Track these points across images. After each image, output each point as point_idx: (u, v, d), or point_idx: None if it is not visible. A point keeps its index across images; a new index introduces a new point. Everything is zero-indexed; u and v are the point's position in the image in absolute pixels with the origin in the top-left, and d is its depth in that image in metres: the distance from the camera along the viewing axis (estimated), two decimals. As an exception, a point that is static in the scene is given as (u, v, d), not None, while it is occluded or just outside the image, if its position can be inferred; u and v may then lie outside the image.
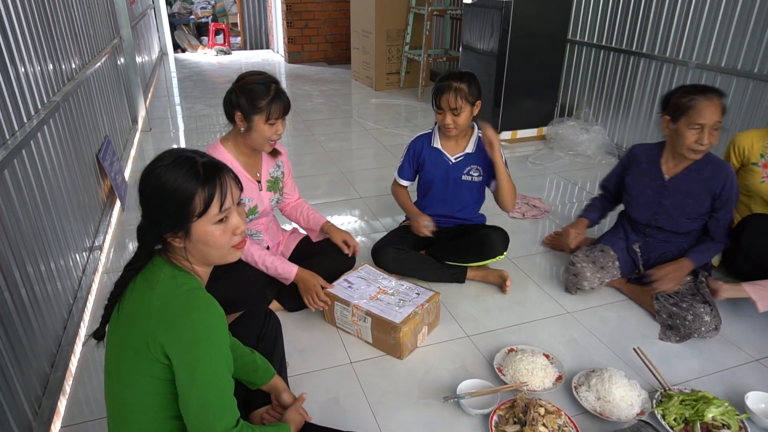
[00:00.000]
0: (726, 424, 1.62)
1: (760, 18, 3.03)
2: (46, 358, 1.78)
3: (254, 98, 1.89)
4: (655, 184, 2.25)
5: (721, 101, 2.04)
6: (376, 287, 2.13)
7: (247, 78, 1.93)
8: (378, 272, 2.24)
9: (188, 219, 1.10)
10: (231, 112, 1.96)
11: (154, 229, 1.13)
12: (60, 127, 2.29)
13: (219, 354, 1.10)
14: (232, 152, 2.05)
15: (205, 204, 1.10)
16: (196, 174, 1.10)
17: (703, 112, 2.02)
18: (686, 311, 2.08)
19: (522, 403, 1.65)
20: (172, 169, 1.10)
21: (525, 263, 2.65)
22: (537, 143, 4.48)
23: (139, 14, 5.92)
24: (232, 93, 1.93)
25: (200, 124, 5.02)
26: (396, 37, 6.19)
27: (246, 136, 1.99)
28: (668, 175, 2.23)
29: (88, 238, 2.52)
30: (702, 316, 2.04)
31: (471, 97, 2.26)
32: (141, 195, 1.13)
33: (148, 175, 1.12)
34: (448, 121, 2.29)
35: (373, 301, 2.04)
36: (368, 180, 3.73)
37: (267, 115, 1.92)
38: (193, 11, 9.82)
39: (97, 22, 3.45)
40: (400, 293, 2.09)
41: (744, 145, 2.33)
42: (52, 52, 2.33)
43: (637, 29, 3.85)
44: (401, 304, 2.02)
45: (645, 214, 2.30)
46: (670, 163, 2.23)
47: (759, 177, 2.29)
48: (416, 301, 2.04)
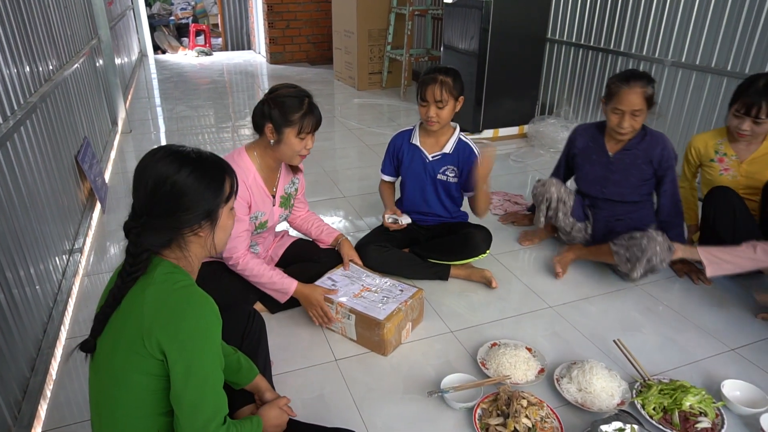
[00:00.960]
0: (703, 411, 1.65)
1: (732, 16, 3.10)
2: (25, 362, 1.76)
3: (287, 111, 1.88)
4: (601, 160, 2.49)
5: (644, 89, 2.25)
6: (359, 285, 2.14)
7: (281, 90, 1.92)
8: (362, 270, 2.25)
9: (219, 205, 1.19)
10: (261, 124, 1.94)
11: (177, 224, 1.13)
12: (37, 128, 2.26)
13: (214, 350, 1.11)
14: (255, 163, 2.02)
15: (230, 188, 1.21)
16: (219, 162, 1.20)
17: (623, 99, 2.27)
18: (640, 238, 2.26)
19: (505, 396, 1.67)
20: (198, 161, 1.16)
21: (507, 259, 2.68)
22: (518, 141, 4.53)
23: (118, 15, 5.85)
24: (264, 104, 1.92)
25: (181, 126, 4.98)
26: (378, 37, 6.20)
27: (275, 148, 1.97)
28: (611, 152, 2.47)
29: (68, 241, 2.49)
30: (655, 237, 2.23)
31: (455, 91, 2.29)
32: (159, 194, 1.11)
33: (165, 172, 1.11)
34: (431, 114, 2.31)
35: (357, 298, 2.05)
36: (352, 179, 3.73)
37: (299, 129, 1.91)
38: (173, 12, 9.72)
39: (75, 23, 3.40)
40: (384, 290, 2.11)
41: (699, 146, 2.50)
42: (28, 53, 2.29)
43: (614, 28, 3.92)
44: (385, 300, 2.03)
45: (595, 188, 2.54)
46: (612, 141, 2.47)
47: (718, 170, 2.45)
48: (400, 297, 2.06)
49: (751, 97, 2.19)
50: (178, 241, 1.16)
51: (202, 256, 1.23)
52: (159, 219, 1.13)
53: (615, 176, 2.46)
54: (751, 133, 2.26)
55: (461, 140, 2.44)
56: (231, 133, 4.87)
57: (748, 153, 2.37)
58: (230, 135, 4.80)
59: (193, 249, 1.19)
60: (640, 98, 2.25)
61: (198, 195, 1.14)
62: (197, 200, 1.14)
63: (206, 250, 1.22)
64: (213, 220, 1.19)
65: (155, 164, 1.13)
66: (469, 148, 2.43)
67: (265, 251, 2.29)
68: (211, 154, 1.20)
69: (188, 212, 1.14)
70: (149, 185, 1.12)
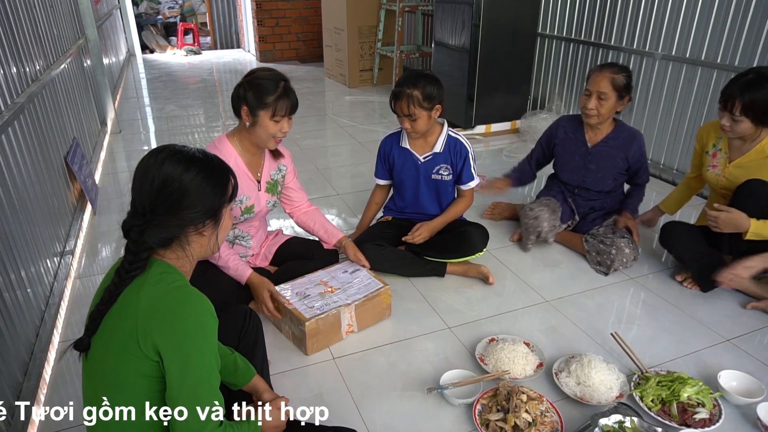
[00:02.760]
0: (701, 402, 1.66)
1: (721, 10, 3.12)
2: (18, 366, 1.73)
3: (261, 93, 1.89)
4: (581, 150, 2.61)
5: (614, 75, 2.37)
6: (330, 286, 2.10)
7: (258, 73, 1.93)
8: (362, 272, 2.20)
9: (223, 204, 1.19)
10: (238, 106, 1.95)
11: (183, 222, 1.13)
12: (25, 129, 2.22)
13: (210, 351, 1.10)
14: (236, 148, 2.04)
15: (233, 188, 1.22)
16: (223, 163, 1.21)
17: (592, 80, 2.41)
18: (610, 247, 2.46)
19: (504, 391, 1.66)
20: (204, 161, 1.16)
21: (503, 254, 2.68)
22: (510, 136, 4.53)
23: (105, 14, 5.78)
24: (240, 87, 1.93)
25: (171, 125, 4.94)
26: (368, 34, 6.18)
27: (251, 131, 1.97)
28: (590, 143, 2.59)
29: (59, 243, 2.46)
30: (623, 249, 2.43)
31: (426, 103, 2.23)
32: (166, 193, 1.11)
33: (173, 171, 1.11)
34: (406, 126, 2.30)
35: (304, 298, 2.02)
36: (344, 177, 3.72)
37: (273, 111, 1.91)
38: (161, 11, 9.64)
39: (61, 22, 3.36)
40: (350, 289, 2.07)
41: (703, 133, 2.44)
42: (14, 53, 2.25)
43: (604, 22, 3.92)
44: (333, 301, 2.00)
45: (575, 178, 2.67)
46: (590, 132, 2.59)
47: (707, 164, 2.39)
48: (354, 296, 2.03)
49: (731, 91, 2.08)
50: (180, 240, 1.16)
51: (199, 257, 1.23)
52: (164, 216, 1.12)
53: (592, 166, 2.59)
54: (730, 130, 2.14)
55: (450, 137, 2.43)
56: (222, 132, 4.83)
57: (740, 154, 2.24)
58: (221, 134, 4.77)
59: (195, 249, 1.19)
60: (607, 82, 2.37)
61: (204, 194, 1.15)
62: (203, 199, 1.15)
63: (206, 249, 1.22)
64: (217, 220, 1.20)
65: (162, 163, 1.12)
66: (459, 143, 2.43)
67: (258, 246, 2.28)
68: (214, 156, 1.21)
69: (193, 210, 1.13)
70: (156, 184, 1.11)
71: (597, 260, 2.52)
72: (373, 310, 2.09)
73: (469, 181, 2.47)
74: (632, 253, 2.46)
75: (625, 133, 2.54)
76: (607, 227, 2.59)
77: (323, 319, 1.94)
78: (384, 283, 2.12)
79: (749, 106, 2.05)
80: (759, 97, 2.04)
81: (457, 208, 2.52)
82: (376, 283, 2.12)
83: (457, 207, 2.52)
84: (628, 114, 3.82)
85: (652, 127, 3.67)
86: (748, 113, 2.07)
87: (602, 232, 2.56)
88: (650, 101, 3.66)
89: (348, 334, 2.06)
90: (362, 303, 2.04)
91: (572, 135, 2.64)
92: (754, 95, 2.04)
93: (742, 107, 2.06)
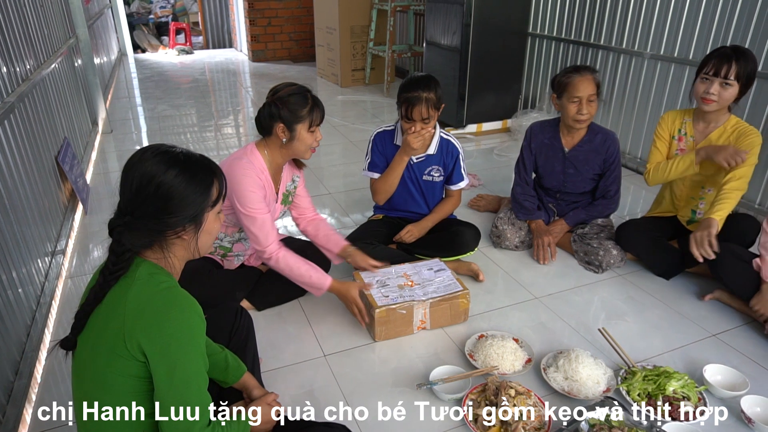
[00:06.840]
0: (686, 396, 1.69)
1: (708, 10, 3.16)
2: (9, 365, 1.73)
3: (295, 108, 1.92)
4: (558, 156, 2.61)
5: (594, 76, 2.40)
6: (409, 279, 2.16)
7: (283, 90, 1.95)
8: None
9: (205, 209, 1.17)
10: (270, 125, 1.96)
11: (160, 226, 1.11)
12: (16, 129, 2.22)
13: (198, 352, 1.10)
14: (266, 161, 2.05)
15: (218, 192, 1.19)
16: (209, 165, 1.18)
17: (578, 86, 2.38)
18: (598, 248, 2.51)
19: (493, 387, 1.69)
20: (186, 162, 1.13)
21: (493, 252, 2.70)
22: (502, 135, 4.56)
23: (96, 13, 5.76)
24: (270, 106, 1.94)
25: (163, 125, 4.93)
26: (360, 34, 6.19)
27: (288, 146, 2.00)
28: (567, 147, 2.59)
29: (50, 243, 2.46)
30: (610, 250, 2.48)
31: (439, 103, 2.27)
32: (143, 194, 1.09)
33: (151, 172, 1.09)
34: (418, 130, 2.28)
35: (388, 288, 2.08)
36: (337, 176, 3.73)
37: (310, 123, 1.95)
38: (153, 10, 9.60)
39: (51, 22, 3.35)
40: (431, 284, 2.13)
41: (668, 119, 2.45)
42: (3, 53, 2.25)
43: (594, 22, 3.96)
44: (414, 294, 2.06)
45: (555, 183, 2.68)
46: (567, 137, 2.59)
47: (675, 149, 2.43)
48: (432, 294, 2.07)
49: (720, 57, 2.13)
50: (160, 243, 1.14)
51: (185, 258, 1.21)
52: (142, 220, 1.11)
53: (570, 170, 2.60)
54: (717, 98, 2.16)
55: (443, 138, 2.45)
56: (214, 132, 4.83)
57: (703, 137, 2.32)
58: (213, 134, 4.77)
59: (176, 251, 1.17)
60: (592, 84, 2.39)
61: (184, 198, 1.12)
62: (183, 203, 1.12)
63: (189, 252, 1.20)
64: (198, 224, 1.17)
65: (142, 163, 1.11)
66: (451, 144, 2.46)
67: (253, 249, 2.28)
68: (200, 156, 1.18)
69: (172, 215, 1.11)
70: (134, 184, 1.10)
71: (585, 260, 2.56)
72: (450, 311, 2.10)
73: (458, 181, 2.49)
74: (620, 254, 2.49)
75: (600, 134, 2.55)
76: (593, 226, 2.62)
77: (394, 310, 1.99)
78: (464, 287, 2.12)
79: (743, 69, 2.12)
80: (750, 61, 2.13)
81: (446, 208, 2.54)
82: (457, 286, 2.12)
83: (446, 207, 2.55)
84: (606, 112, 3.87)
85: (641, 126, 3.71)
86: (740, 77, 2.13)
87: (589, 232, 2.60)
88: (639, 100, 3.70)
89: (419, 329, 2.09)
90: (438, 302, 2.06)
91: (548, 141, 2.62)
92: (747, 59, 2.13)
93: (737, 71, 2.12)
